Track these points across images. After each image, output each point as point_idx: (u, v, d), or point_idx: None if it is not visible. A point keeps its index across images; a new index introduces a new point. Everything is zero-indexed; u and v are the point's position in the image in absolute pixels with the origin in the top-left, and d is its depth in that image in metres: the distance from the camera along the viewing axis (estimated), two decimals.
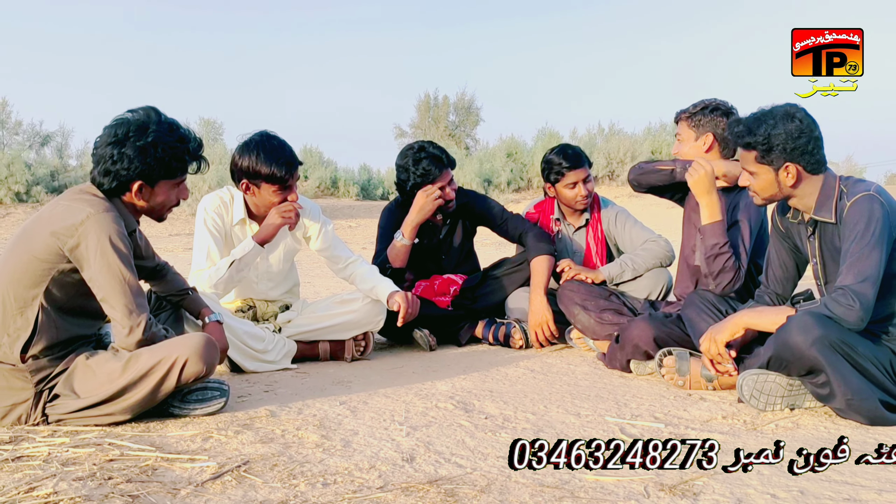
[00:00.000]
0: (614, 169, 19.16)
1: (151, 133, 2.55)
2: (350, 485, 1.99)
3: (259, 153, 3.45)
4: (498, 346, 4.13)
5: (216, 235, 3.58)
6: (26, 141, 18.00)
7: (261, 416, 2.67)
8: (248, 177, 3.50)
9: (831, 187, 2.66)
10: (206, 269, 3.49)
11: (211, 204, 3.63)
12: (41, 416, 2.53)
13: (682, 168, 3.37)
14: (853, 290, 2.48)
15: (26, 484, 1.97)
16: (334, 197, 18.47)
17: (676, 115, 3.52)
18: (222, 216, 3.63)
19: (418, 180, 4.05)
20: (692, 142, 3.44)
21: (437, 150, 4.08)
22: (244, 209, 3.64)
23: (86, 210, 2.48)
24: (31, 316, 2.50)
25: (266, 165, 3.44)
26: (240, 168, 3.51)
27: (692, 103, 3.47)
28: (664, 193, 3.63)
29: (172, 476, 2.07)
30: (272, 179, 3.46)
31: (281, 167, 3.46)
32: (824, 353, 2.45)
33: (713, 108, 3.40)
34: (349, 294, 3.87)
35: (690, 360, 3.07)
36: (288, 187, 3.52)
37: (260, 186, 3.51)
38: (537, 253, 4.06)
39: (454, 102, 26.40)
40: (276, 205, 3.54)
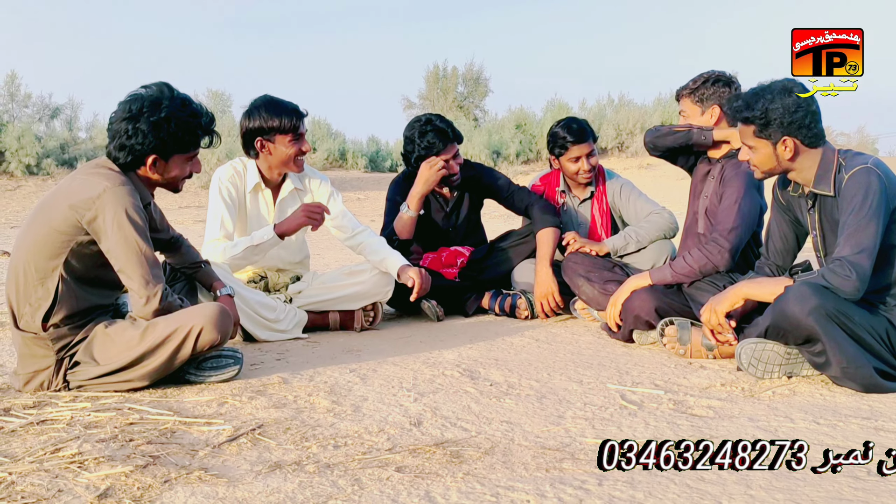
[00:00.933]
0: (623, 140, 19.13)
1: (164, 108, 2.62)
2: (360, 447, 2.08)
3: (265, 110, 3.63)
4: (504, 317, 4.21)
5: (230, 204, 3.67)
6: (36, 114, 18.07)
7: (273, 383, 2.76)
8: (260, 134, 3.63)
9: (830, 160, 2.71)
10: (220, 239, 3.57)
11: (225, 174, 3.73)
12: (62, 383, 2.63)
13: (699, 131, 3.41)
14: (850, 260, 2.54)
15: (52, 445, 2.06)
16: (342, 169, 18.51)
17: (677, 92, 3.53)
18: (236, 185, 3.73)
19: (422, 153, 4.11)
20: (698, 116, 3.46)
21: (443, 124, 4.13)
22: (258, 175, 3.75)
23: (102, 184, 2.55)
24: (52, 286, 2.58)
25: (275, 118, 3.61)
26: (251, 130, 3.64)
27: (691, 79, 3.48)
28: (677, 160, 3.67)
29: (190, 438, 2.16)
30: (283, 129, 3.62)
31: (289, 115, 3.63)
32: (820, 323, 2.51)
33: (714, 80, 3.42)
34: (358, 265, 3.95)
35: (691, 330, 3.14)
36: (300, 136, 3.67)
37: (274, 140, 3.64)
38: (543, 225, 4.13)
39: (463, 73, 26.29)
40: (292, 157, 3.67)
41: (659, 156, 3.64)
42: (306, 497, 1.73)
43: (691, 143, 3.45)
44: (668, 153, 3.61)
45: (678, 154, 3.61)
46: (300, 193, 3.90)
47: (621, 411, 2.41)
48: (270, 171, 3.76)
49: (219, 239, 3.57)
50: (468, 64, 26.40)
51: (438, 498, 1.72)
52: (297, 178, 3.88)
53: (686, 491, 1.75)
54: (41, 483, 1.81)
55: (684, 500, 1.70)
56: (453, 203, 4.36)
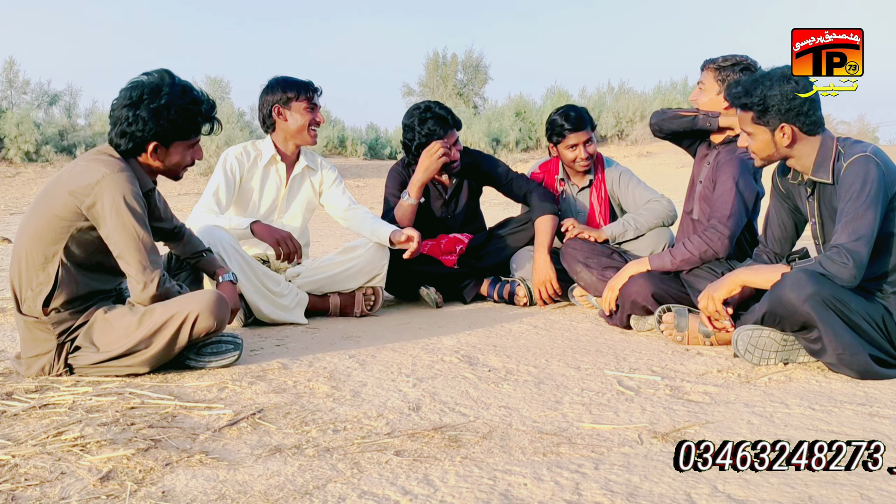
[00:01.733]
0: (623, 128, 19.11)
1: (165, 95, 2.63)
2: (359, 431, 2.10)
3: (283, 83, 3.91)
4: (502, 304, 4.23)
5: (230, 180, 3.84)
6: (35, 100, 18.03)
7: (273, 368, 2.78)
8: (279, 103, 3.87)
9: (829, 148, 2.72)
10: (209, 206, 3.73)
11: (234, 151, 3.93)
12: (64, 367, 2.65)
13: (705, 116, 3.41)
14: (847, 248, 2.55)
15: (54, 429, 2.08)
16: (342, 156, 18.49)
17: (704, 63, 3.47)
18: (242, 164, 3.88)
19: (423, 140, 4.12)
20: (713, 94, 3.42)
21: (442, 111, 4.15)
22: (273, 148, 3.95)
23: (101, 170, 2.56)
24: (52, 271, 2.60)
25: (293, 88, 3.88)
26: (269, 102, 3.89)
27: (722, 55, 3.43)
28: (682, 142, 3.68)
29: (191, 422, 2.18)
30: (299, 97, 3.87)
31: (304, 86, 3.90)
32: (816, 309, 2.53)
33: (744, 68, 3.36)
34: (352, 243, 4.04)
35: (689, 317, 3.16)
36: (314, 106, 3.92)
37: (290, 107, 3.88)
38: (541, 212, 4.14)
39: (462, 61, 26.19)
40: (305, 126, 3.89)
41: (664, 138, 3.65)
42: (306, 480, 1.75)
43: (696, 128, 3.46)
44: (672, 136, 3.62)
45: (683, 137, 3.62)
46: (311, 172, 4.07)
47: (618, 397, 2.43)
48: (286, 142, 3.95)
49: (208, 206, 3.72)
50: (468, 51, 26.29)
51: (437, 481, 1.74)
52: (310, 157, 4.06)
53: (681, 475, 1.77)
54: (44, 466, 1.83)
55: (679, 483, 1.72)
56: (452, 190, 4.37)
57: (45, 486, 1.72)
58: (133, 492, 1.69)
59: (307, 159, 4.03)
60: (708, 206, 3.44)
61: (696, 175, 3.59)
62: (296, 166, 4.00)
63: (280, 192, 3.96)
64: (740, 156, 3.31)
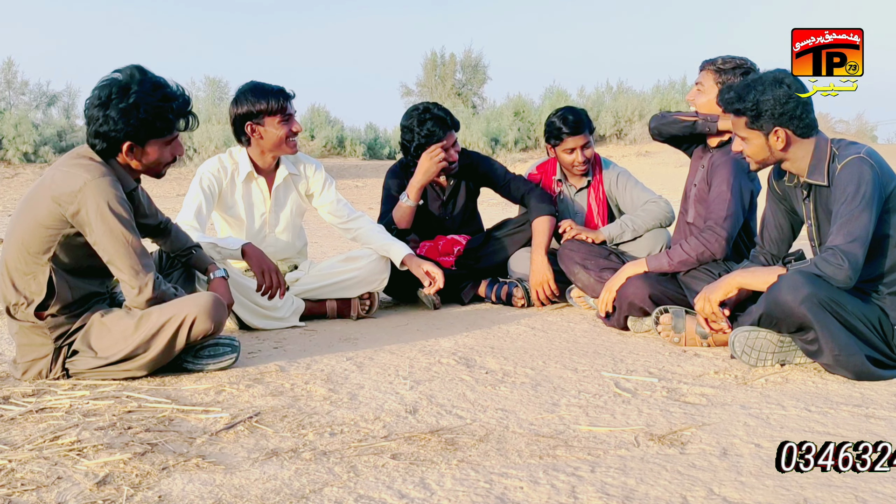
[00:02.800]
0: (622, 128, 19.10)
1: (133, 94, 2.56)
2: (356, 434, 2.10)
3: (251, 94, 3.65)
4: (500, 305, 4.23)
5: (208, 195, 3.65)
6: (33, 101, 18.03)
7: (271, 371, 2.78)
8: (249, 118, 3.64)
9: (823, 150, 2.72)
10: (192, 222, 3.51)
11: (209, 167, 3.73)
12: (61, 371, 2.65)
13: (704, 121, 3.41)
14: (842, 249, 2.56)
15: (51, 433, 2.09)
16: (340, 156, 18.47)
17: (703, 63, 3.45)
18: (219, 179, 3.71)
19: (422, 141, 4.12)
20: (712, 96, 3.40)
21: (441, 112, 4.14)
22: (250, 164, 3.75)
23: (83, 176, 2.52)
24: (44, 280, 2.58)
25: (262, 101, 3.62)
26: (239, 115, 3.66)
27: (722, 57, 3.41)
28: (681, 145, 3.67)
29: (188, 426, 2.18)
30: (271, 111, 3.62)
31: (275, 96, 3.63)
32: (813, 311, 2.53)
33: (745, 71, 3.33)
34: (354, 252, 3.97)
35: (686, 318, 3.16)
36: (288, 116, 3.67)
37: (264, 123, 3.64)
38: (539, 214, 4.14)
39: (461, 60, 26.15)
40: (283, 139, 3.67)
41: (663, 141, 3.65)
42: (303, 484, 1.76)
43: (696, 132, 3.46)
44: (672, 140, 3.62)
45: (682, 141, 3.62)
46: (295, 178, 3.90)
47: (615, 399, 2.43)
48: (263, 156, 3.75)
49: (190, 222, 3.51)
50: (466, 51, 26.23)
51: (433, 485, 1.75)
52: (291, 164, 3.88)
53: (678, 477, 1.77)
54: (40, 470, 1.84)
55: (675, 486, 1.72)
56: (450, 191, 4.37)
57: (41, 491, 1.72)
58: (129, 496, 1.69)
59: (289, 167, 3.86)
60: (704, 208, 3.45)
61: (691, 178, 3.59)
62: (276, 176, 3.84)
63: (266, 206, 3.82)
64: (734, 156, 3.31)
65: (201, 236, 3.43)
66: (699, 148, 3.58)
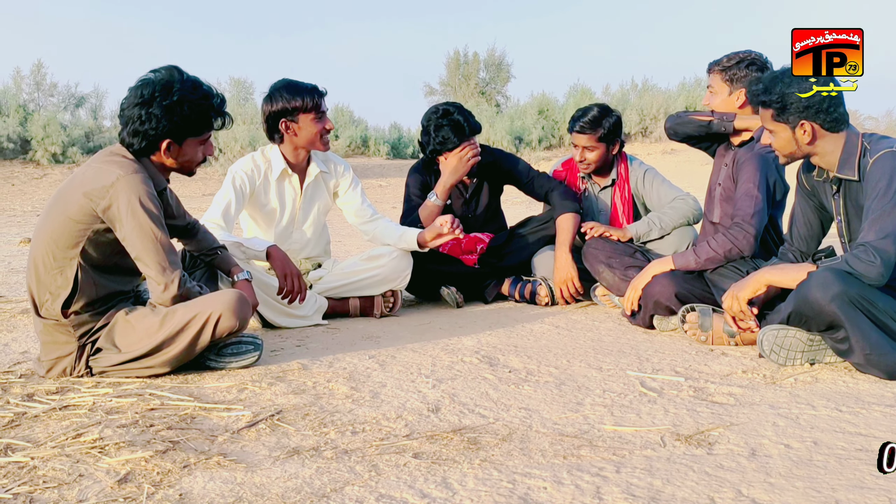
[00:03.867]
0: (647, 125, 18.96)
1: (176, 92, 2.61)
2: (378, 433, 2.08)
3: (286, 91, 3.67)
4: (524, 303, 4.19)
5: (239, 196, 3.65)
6: (61, 102, 18.20)
7: (293, 369, 2.78)
8: (284, 115, 3.66)
9: (854, 145, 2.66)
10: (218, 221, 3.53)
11: (242, 166, 3.73)
12: (85, 369, 2.66)
13: (720, 120, 3.36)
14: (874, 246, 2.50)
15: (74, 430, 2.09)
16: (364, 156, 18.50)
17: (709, 66, 3.44)
18: (252, 179, 3.72)
19: (437, 147, 4.10)
20: (725, 96, 3.38)
21: (460, 117, 4.09)
22: (283, 161, 3.77)
23: (116, 172, 2.56)
24: (70, 275, 2.60)
25: (297, 98, 3.64)
26: (274, 112, 3.68)
27: (726, 55, 3.39)
28: (699, 144, 3.62)
29: (210, 424, 2.18)
30: (306, 108, 3.65)
31: (310, 94, 3.66)
32: (843, 309, 2.47)
33: (749, 63, 3.32)
34: (376, 250, 3.97)
35: (713, 316, 3.11)
36: (322, 113, 3.70)
37: (297, 120, 3.66)
38: (563, 210, 4.10)
39: (484, 59, 26.09)
40: (317, 135, 3.69)
41: (680, 141, 3.60)
42: (324, 483, 1.74)
43: (712, 132, 3.41)
44: (688, 139, 3.56)
45: (701, 140, 3.57)
46: (326, 176, 3.93)
47: (641, 398, 2.40)
48: (296, 153, 3.77)
49: (217, 221, 3.53)
50: (490, 49, 26.15)
51: (455, 484, 1.72)
52: (321, 162, 3.90)
53: (705, 478, 1.74)
54: (62, 468, 1.84)
55: (703, 487, 1.69)
56: (473, 189, 4.35)
57: (62, 489, 1.72)
58: (150, 494, 1.69)
59: (320, 165, 3.88)
60: (730, 206, 3.39)
61: (715, 178, 3.54)
62: (308, 173, 3.86)
63: (296, 204, 3.85)
64: (759, 152, 3.25)
65: (226, 236, 3.45)
66: (721, 147, 3.53)
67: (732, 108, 3.37)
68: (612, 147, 4.14)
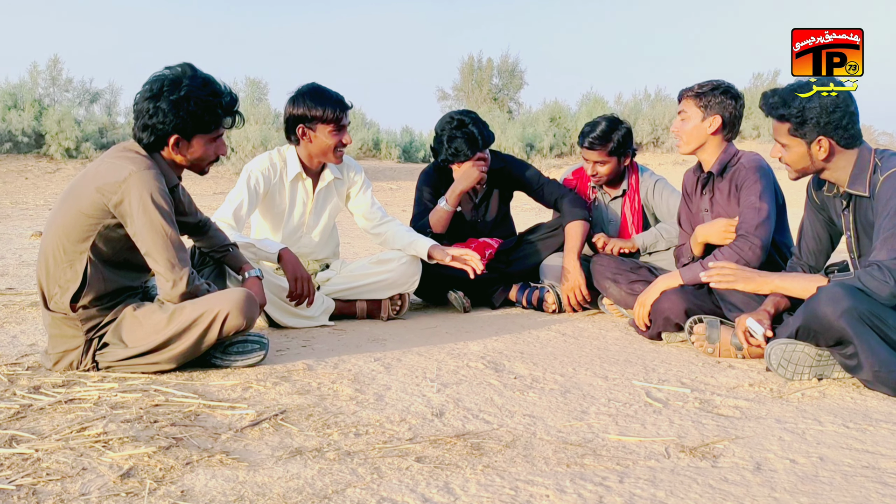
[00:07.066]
0: (659, 136, 18.93)
1: (184, 87, 2.63)
2: (381, 436, 2.08)
3: (310, 98, 3.64)
4: (531, 310, 4.19)
5: (252, 195, 3.65)
6: (76, 98, 18.31)
7: (298, 370, 2.78)
8: (303, 122, 3.65)
9: (866, 160, 2.65)
10: (229, 220, 3.51)
11: (258, 165, 3.73)
12: (91, 363, 2.67)
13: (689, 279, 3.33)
14: (887, 266, 2.48)
15: (78, 424, 2.09)
16: (376, 159, 18.54)
17: (681, 92, 3.45)
18: (268, 178, 3.72)
19: (449, 157, 4.10)
20: (698, 121, 3.38)
21: (475, 129, 4.08)
22: (299, 164, 3.76)
23: (128, 168, 2.57)
24: (80, 269, 2.62)
25: (319, 107, 3.62)
26: (294, 116, 3.66)
27: (698, 82, 3.42)
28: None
29: (214, 422, 2.18)
30: (326, 119, 3.63)
31: (333, 106, 3.63)
32: (852, 325, 2.46)
33: (724, 91, 3.34)
34: (386, 254, 3.96)
35: (721, 328, 3.10)
36: (342, 127, 3.67)
37: (315, 129, 3.65)
38: (572, 218, 4.10)
39: (498, 65, 26.15)
40: (331, 147, 3.68)
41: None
42: (325, 484, 1.74)
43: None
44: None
45: None
46: (338, 183, 3.93)
47: (646, 408, 2.38)
48: (310, 159, 3.77)
49: (228, 220, 3.52)
50: (503, 56, 26.25)
51: (457, 489, 1.72)
52: (336, 168, 3.90)
53: (709, 491, 1.72)
54: (66, 461, 1.84)
55: (706, 500, 1.68)
56: (482, 195, 4.35)
57: (65, 482, 1.73)
58: (152, 490, 1.69)
59: (334, 171, 3.88)
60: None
61: (698, 207, 3.51)
62: (321, 178, 3.87)
63: (307, 208, 3.85)
64: (755, 167, 3.25)
65: (237, 235, 3.45)
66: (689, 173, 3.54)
67: (704, 134, 3.37)
68: (623, 159, 4.13)
